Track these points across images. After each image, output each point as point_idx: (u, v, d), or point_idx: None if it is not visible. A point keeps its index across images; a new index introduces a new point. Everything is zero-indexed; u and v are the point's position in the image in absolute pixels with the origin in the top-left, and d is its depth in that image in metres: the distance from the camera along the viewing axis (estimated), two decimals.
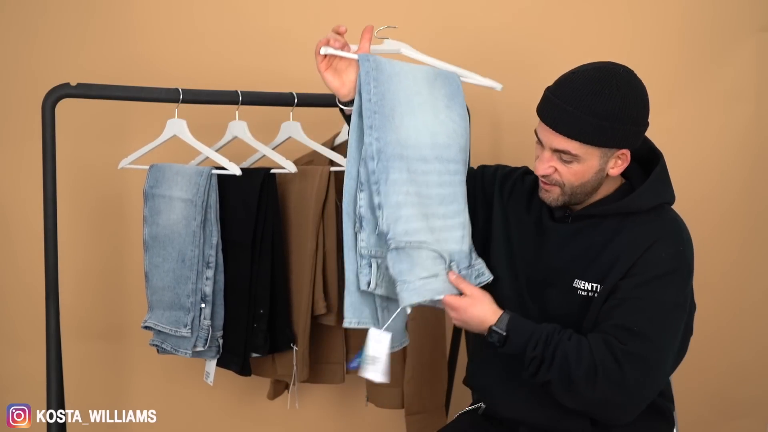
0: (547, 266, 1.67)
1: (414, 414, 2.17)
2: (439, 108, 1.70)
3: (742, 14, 2.46)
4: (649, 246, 1.57)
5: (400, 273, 1.57)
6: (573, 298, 1.63)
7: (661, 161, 1.66)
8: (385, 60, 1.66)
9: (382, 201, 1.58)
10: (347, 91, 1.65)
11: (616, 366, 1.52)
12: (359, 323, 1.62)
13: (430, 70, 1.73)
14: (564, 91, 1.56)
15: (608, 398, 1.54)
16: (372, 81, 1.61)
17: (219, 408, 2.45)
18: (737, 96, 2.47)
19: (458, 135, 1.72)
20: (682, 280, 1.59)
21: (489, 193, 1.79)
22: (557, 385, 1.55)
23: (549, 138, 1.58)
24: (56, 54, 2.29)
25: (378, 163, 1.59)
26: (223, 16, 2.35)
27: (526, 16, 2.44)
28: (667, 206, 1.66)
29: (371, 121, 1.59)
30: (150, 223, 2.06)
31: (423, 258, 1.61)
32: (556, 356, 1.54)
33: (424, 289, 1.60)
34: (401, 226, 1.59)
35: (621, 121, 1.54)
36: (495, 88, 1.80)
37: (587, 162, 1.57)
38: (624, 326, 1.54)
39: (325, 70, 1.64)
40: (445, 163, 1.69)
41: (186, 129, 2.01)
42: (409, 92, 1.66)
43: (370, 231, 1.59)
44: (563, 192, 1.62)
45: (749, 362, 2.58)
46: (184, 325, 1.99)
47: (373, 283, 1.60)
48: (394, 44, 1.77)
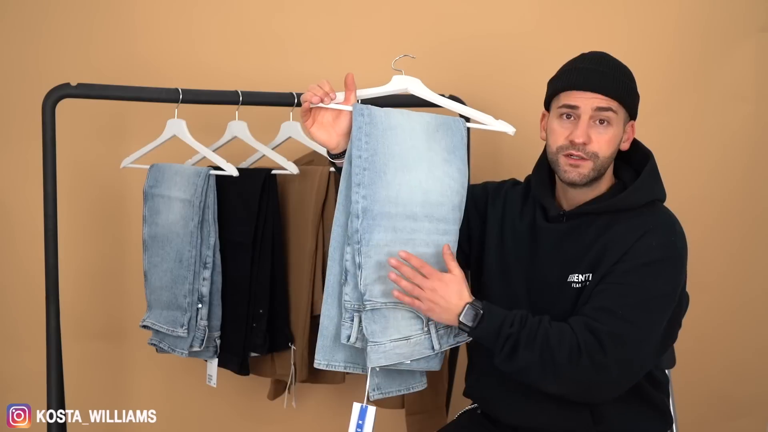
0: (542, 266, 1.67)
1: (414, 414, 2.17)
2: (435, 163, 1.67)
3: (741, 14, 2.46)
4: (640, 236, 1.58)
5: (372, 334, 1.59)
6: (568, 293, 1.63)
7: (651, 159, 1.67)
8: (381, 112, 1.63)
9: (362, 262, 1.59)
10: (335, 144, 1.65)
11: (599, 346, 1.52)
12: (328, 366, 1.64)
13: (431, 121, 1.69)
14: (591, 60, 1.63)
15: (591, 378, 1.53)
16: (364, 136, 1.60)
17: (219, 408, 2.45)
18: (736, 96, 2.47)
19: (453, 192, 1.69)
20: (672, 269, 1.59)
21: (482, 208, 1.79)
22: (539, 368, 1.53)
23: (590, 101, 1.59)
24: (57, 54, 2.29)
25: (362, 223, 1.59)
26: (223, 16, 2.35)
27: (525, 19, 2.43)
28: (659, 203, 1.67)
29: (359, 179, 1.59)
30: (149, 223, 2.06)
31: (398, 319, 1.62)
32: (537, 338, 1.53)
33: (393, 353, 1.61)
34: (378, 288, 1.59)
35: (635, 85, 1.65)
36: (508, 132, 1.74)
37: (618, 127, 1.62)
38: (606, 308, 1.54)
39: (311, 126, 1.64)
40: (435, 222, 1.66)
41: (185, 129, 2.01)
42: (405, 147, 1.64)
43: (354, 285, 1.60)
44: (594, 166, 1.61)
45: (749, 362, 2.58)
46: (181, 325, 2.00)
47: (353, 337, 1.61)
48: (401, 83, 1.71)
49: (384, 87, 1.72)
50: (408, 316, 1.63)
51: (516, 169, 2.02)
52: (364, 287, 1.59)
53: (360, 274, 1.58)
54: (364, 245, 1.58)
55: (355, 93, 1.65)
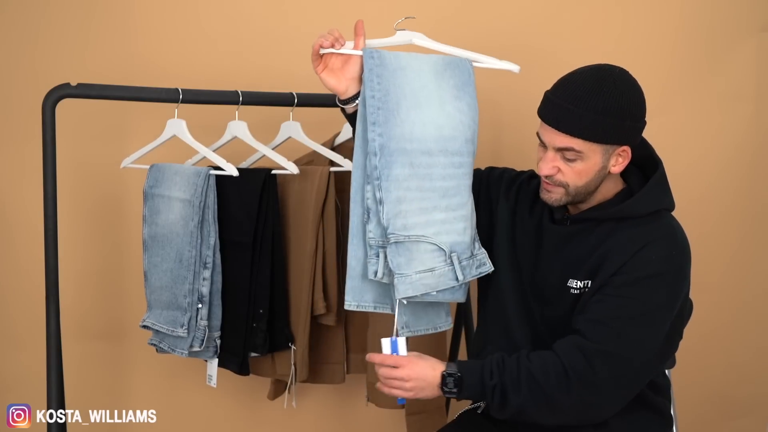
0: (545, 268, 1.68)
1: (414, 414, 2.17)
2: (446, 99, 1.70)
3: (741, 14, 2.46)
4: (640, 247, 1.58)
5: (398, 266, 1.62)
6: (567, 298, 1.64)
7: (660, 168, 1.67)
8: (390, 54, 1.68)
9: (383, 197, 1.63)
10: (345, 89, 1.68)
11: (586, 364, 1.52)
12: (358, 306, 1.68)
13: (439, 61, 1.73)
14: (564, 91, 1.59)
15: (584, 399, 1.54)
16: (375, 77, 1.64)
17: (219, 408, 2.45)
18: (737, 96, 2.47)
19: (465, 126, 1.71)
20: (671, 284, 1.58)
21: (494, 195, 1.81)
22: (533, 406, 1.55)
23: (552, 137, 1.60)
24: (56, 54, 2.28)
25: (380, 159, 1.63)
26: (223, 16, 2.35)
27: (525, 19, 2.43)
28: (665, 212, 1.66)
29: (374, 118, 1.63)
30: (149, 223, 2.06)
31: (421, 252, 1.65)
32: (521, 379, 1.54)
33: (420, 284, 1.64)
34: (400, 221, 1.63)
35: (620, 117, 1.56)
36: (513, 71, 1.78)
37: (590, 160, 1.59)
38: (599, 321, 1.55)
39: (321, 71, 1.68)
40: (450, 156, 1.69)
41: (185, 129, 2.01)
42: (415, 86, 1.68)
43: (377, 222, 1.64)
44: (567, 192, 1.63)
45: (749, 362, 2.58)
46: (181, 325, 2.00)
47: (380, 272, 1.64)
48: (406, 35, 1.76)
49: (389, 38, 1.76)
50: (431, 248, 1.66)
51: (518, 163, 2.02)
52: (386, 221, 1.62)
53: (382, 209, 1.62)
54: (384, 180, 1.63)
55: (364, 39, 1.69)
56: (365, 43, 1.69)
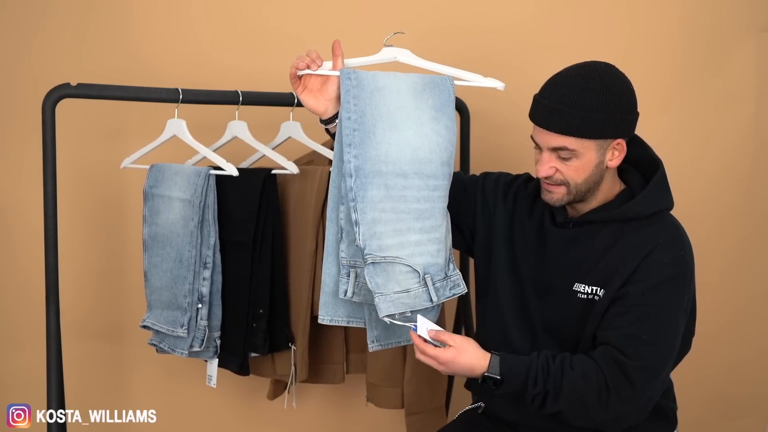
0: (548, 270, 1.69)
1: (414, 414, 2.17)
2: (423, 121, 1.69)
3: (741, 14, 2.46)
4: (650, 251, 1.59)
5: (377, 286, 1.63)
6: (573, 302, 1.64)
7: (661, 168, 1.68)
8: (368, 74, 1.66)
9: (358, 218, 1.62)
10: (324, 109, 1.69)
11: (627, 382, 1.54)
12: (331, 321, 1.70)
13: (418, 81, 1.71)
14: (552, 92, 1.60)
15: (620, 412, 1.57)
16: (352, 99, 1.64)
17: (219, 408, 2.45)
18: (736, 96, 2.47)
19: (441, 149, 1.70)
20: (684, 284, 1.61)
21: (491, 200, 1.81)
22: (568, 413, 1.58)
23: (545, 138, 1.61)
24: (56, 54, 2.29)
25: (356, 181, 1.62)
26: (224, 16, 2.35)
27: (525, 18, 2.44)
28: (666, 212, 1.67)
29: (350, 139, 1.62)
30: (149, 223, 2.06)
31: (396, 273, 1.65)
32: (563, 388, 1.55)
33: (399, 302, 1.65)
34: (375, 242, 1.63)
35: (609, 111, 1.57)
36: (497, 88, 1.76)
37: (585, 156, 1.60)
38: (632, 335, 1.56)
39: (301, 93, 1.68)
40: (424, 178, 1.68)
41: (185, 129, 2.01)
42: (392, 107, 1.67)
43: (349, 242, 1.65)
44: (568, 191, 1.63)
45: (749, 362, 2.58)
46: (181, 325, 2.00)
47: (350, 291, 1.66)
48: (390, 52, 1.74)
49: (372, 56, 1.74)
50: (405, 270, 1.66)
51: (518, 164, 2.02)
52: (363, 242, 1.62)
53: (358, 230, 1.62)
54: (359, 202, 1.62)
55: (342, 59, 1.68)
56: (344, 63, 1.68)
